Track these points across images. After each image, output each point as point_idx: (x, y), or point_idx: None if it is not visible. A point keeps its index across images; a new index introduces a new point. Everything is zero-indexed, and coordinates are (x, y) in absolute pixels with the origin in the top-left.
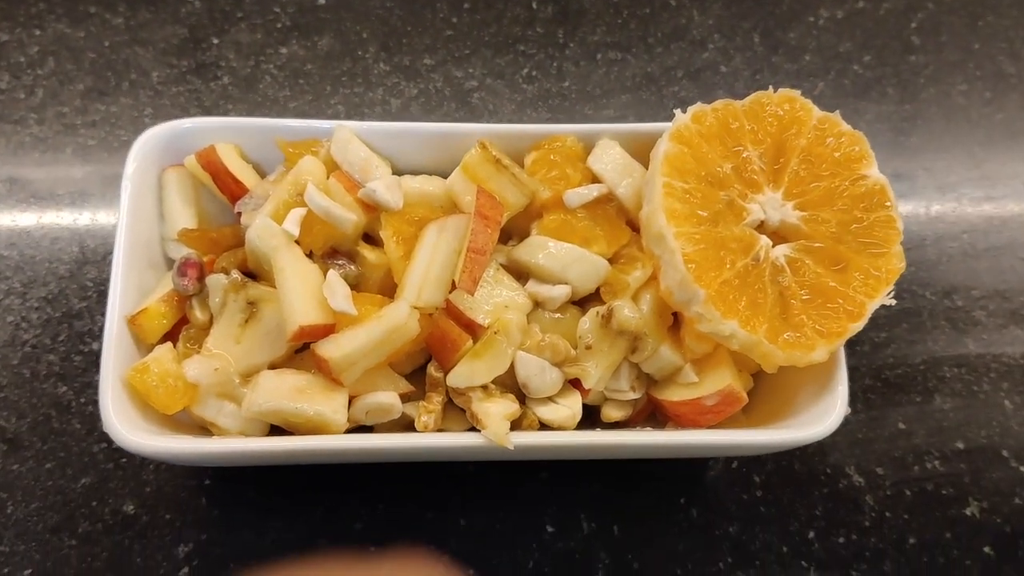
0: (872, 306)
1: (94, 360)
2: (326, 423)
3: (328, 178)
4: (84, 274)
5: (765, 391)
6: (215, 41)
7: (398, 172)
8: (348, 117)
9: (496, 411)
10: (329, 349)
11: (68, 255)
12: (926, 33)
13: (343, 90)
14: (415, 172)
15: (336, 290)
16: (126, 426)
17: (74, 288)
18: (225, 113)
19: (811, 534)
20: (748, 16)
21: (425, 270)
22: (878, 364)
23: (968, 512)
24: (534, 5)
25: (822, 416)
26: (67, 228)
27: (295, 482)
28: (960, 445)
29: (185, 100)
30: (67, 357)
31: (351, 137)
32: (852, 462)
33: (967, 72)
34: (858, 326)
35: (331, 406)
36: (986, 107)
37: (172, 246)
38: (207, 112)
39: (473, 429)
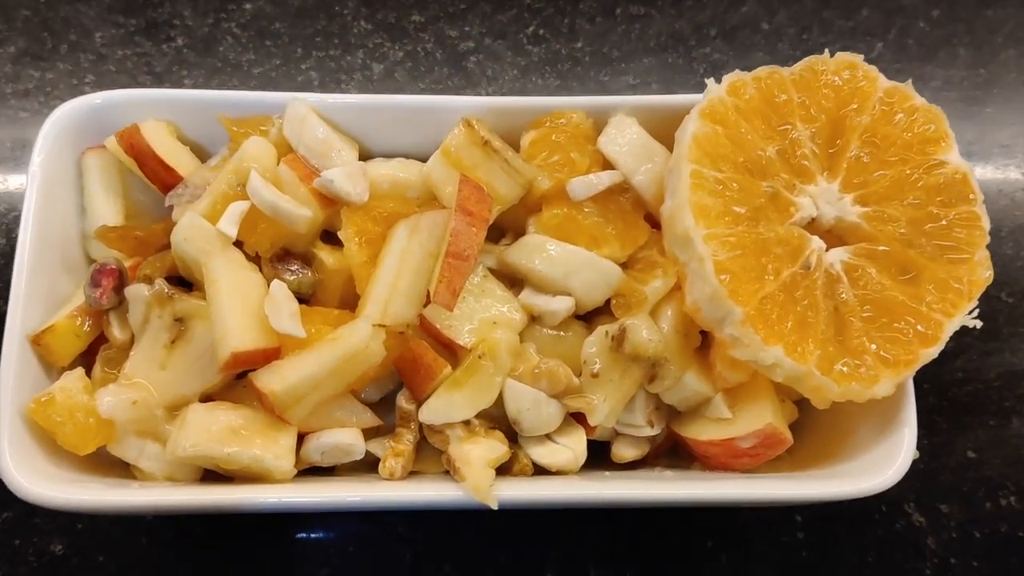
0: (950, 327)
1: None
2: (267, 471)
3: (279, 164)
4: (11, 271)
5: (812, 424)
6: None
7: (368, 155)
8: (322, 84)
9: (478, 456)
10: (270, 381)
11: None
12: None
13: (317, 53)
14: (389, 155)
15: (280, 307)
16: (26, 472)
17: None
18: (179, 81)
19: None
20: None
21: (393, 280)
22: (945, 380)
23: None
24: None
25: (882, 463)
26: None
27: (251, 517)
28: None
29: (132, 65)
30: None
31: (307, 113)
32: (912, 498)
33: None
34: (932, 352)
35: (273, 450)
36: None
37: (95, 245)
38: (158, 80)
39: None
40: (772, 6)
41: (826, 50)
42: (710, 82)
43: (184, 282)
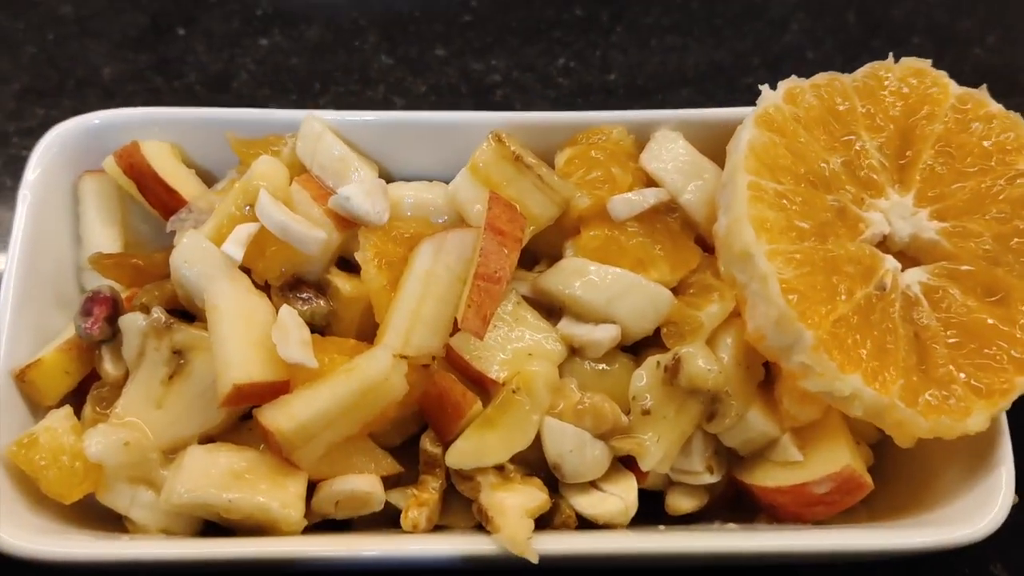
0: None
1: None
2: (273, 522)
3: (291, 184)
4: None
5: (890, 467)
6: (181, 32)
7: (389, 178)
8: None
9: (514, 505)
10: (276, 418)
11: None
12: None
13: (335, 88)
14: (410, 179)
15: (289, 333)
16: (4, 522)
17: None
18: None
19: None
20: None
21: (416, 306)
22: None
23: None
24: None
25: (976, 508)
26: None
27: (255, 574)
28: None
29: (142, 101)
30: None
31: (323, 131)
32: (997, 557)
33: None
34: None
35: (281, 497)
36: None
37: (91, 277)
38: None
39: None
40: (817, 35)
41: (890, 54)
42: (765, 88)
43: (186, 314)
